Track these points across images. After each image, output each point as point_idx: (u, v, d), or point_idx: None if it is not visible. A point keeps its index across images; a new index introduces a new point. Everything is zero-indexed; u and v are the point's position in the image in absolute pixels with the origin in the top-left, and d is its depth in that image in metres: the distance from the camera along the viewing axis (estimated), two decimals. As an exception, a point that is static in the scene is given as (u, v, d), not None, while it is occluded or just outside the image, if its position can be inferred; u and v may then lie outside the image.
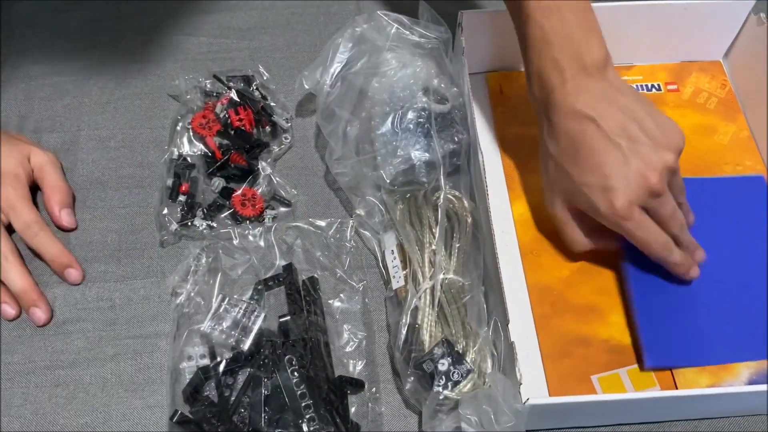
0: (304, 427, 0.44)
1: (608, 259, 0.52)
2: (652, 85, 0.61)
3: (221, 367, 0.46)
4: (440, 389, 0.45)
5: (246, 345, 0.48)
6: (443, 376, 0.45)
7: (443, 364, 0.46)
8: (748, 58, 0.59)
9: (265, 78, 0.60)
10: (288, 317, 0.48)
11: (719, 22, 0.60)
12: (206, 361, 0.48)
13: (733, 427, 0.48)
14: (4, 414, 0.48)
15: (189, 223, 0.53)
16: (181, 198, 0.54)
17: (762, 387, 0.43)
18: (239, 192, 0.54)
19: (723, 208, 0.53)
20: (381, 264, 0.53)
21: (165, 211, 0.53)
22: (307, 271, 0.52)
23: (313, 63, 0.56)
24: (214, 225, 0.53)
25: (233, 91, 0.58)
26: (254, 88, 0.59)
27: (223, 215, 0.54)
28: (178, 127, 0.57)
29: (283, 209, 0.55)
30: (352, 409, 0.47)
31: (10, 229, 0.52)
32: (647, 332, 0.48)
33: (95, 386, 0.49)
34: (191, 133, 0.57)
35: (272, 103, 0.59)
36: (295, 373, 0.46)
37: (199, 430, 0.45)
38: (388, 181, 0.53)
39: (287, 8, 0.66)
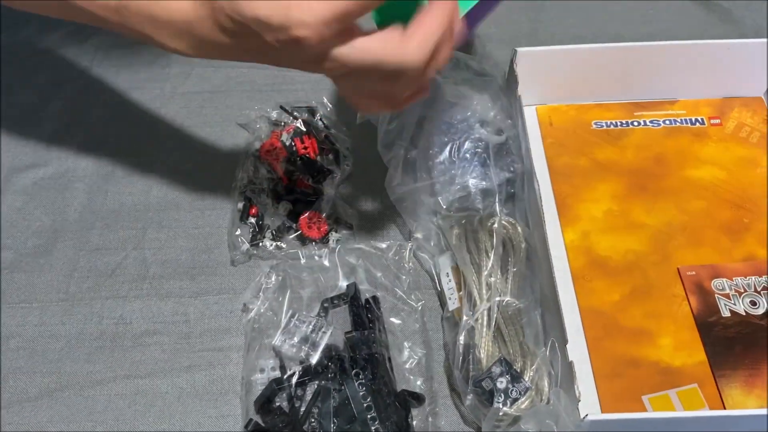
0: (373, 438, 0.46)
1: (656, 284, 0.54)
2: (696, 119, 0.64)
3: (294, 379, 0.49)
4: (500, 406, 0.47)
5: (314, 359, 0.51)
6: (502, 394, 0.48)
7: (502, 382, 0.48)
8: (789, 94, 0.62)
9: (328, 109, 0.64)
10: (354, 333, 0.51)
11: (760, 60, 0.62)
12: (277, 374, 0.51)
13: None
14: (88, 419, 0.51)
15: (259, 244, 0.57)
16: (251, 220, 0.58)
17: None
18: (305, 215, 0.58)
19: None
20: (437, 285, 0.56)
21: (238, 232, 0.57)
22: (369, 291, 0.55)
23: (375, 95, 0.60)
24: (283, 246, 0.57)
25: (299, 121, 0.62)
26: (318, 118, 0.63)
27: (290, 237, 0.57)
28: (248, 154, 0.61)
29: (345, 231, 0.59)
30: (413, 423, 0.50)
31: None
32: None
33: (172, 395, 0.52)
34: (260, 160, 0.61)
35: (334, 132, 0.63)
36: (362, 386, 0.49)
37: (272, 438, 0.48)
38: (444, 207, 0.57)
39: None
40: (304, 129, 0.61)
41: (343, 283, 0.55)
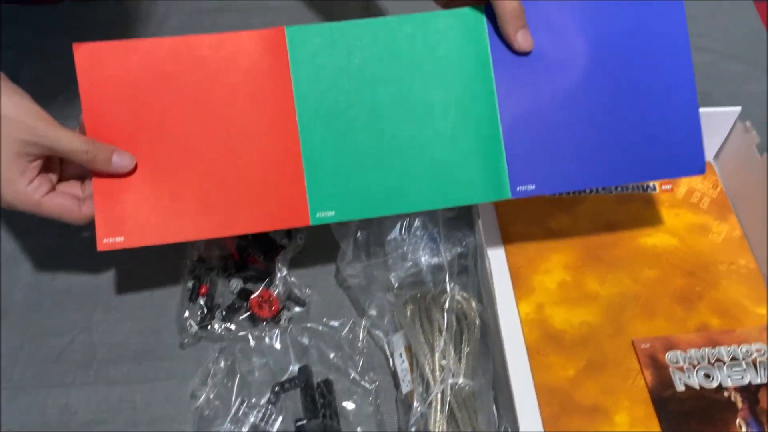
0: None
1: (611, 358, 0.54)
2: (647, 186, 0.64)
3: (241, 475, 0.48)
4: (453, 495, 0.46)
5: (263, 449, 0.49)
6: (455, 482, 0.47)
7: (455, 469, 0.47)
8: (736, 161, 0.63)
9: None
10: (304, 421, 0.50)
11: (709, 127, 0.63)
12: (225, 466, 0.49)
13: None
14: None
15: (208, 326, 0.55)
16: (201, 300, 0.56)
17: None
18: (257, 294, 0.57)
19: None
20: (391, 364, 0.55)
21: (186, 314, 0.56)
22: (322, 373, 0.54)
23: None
24: (233, 327, 0.56)
25: (251, 195, 0.61)
26: (270, 191, 0.62)
27: (241, 317, 0.56)
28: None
29: (298, 309, 0.58)
30: None
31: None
32: (512, 151, 0.51)
33: (116, 491, 0.50)
34: (211, 236, 0.60)
35: (287, 206, 0.62)
36: (312, 479, 0.47)
37: None
38: (396, 284, 0.56)
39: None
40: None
41: (295, 366, 0.54)
